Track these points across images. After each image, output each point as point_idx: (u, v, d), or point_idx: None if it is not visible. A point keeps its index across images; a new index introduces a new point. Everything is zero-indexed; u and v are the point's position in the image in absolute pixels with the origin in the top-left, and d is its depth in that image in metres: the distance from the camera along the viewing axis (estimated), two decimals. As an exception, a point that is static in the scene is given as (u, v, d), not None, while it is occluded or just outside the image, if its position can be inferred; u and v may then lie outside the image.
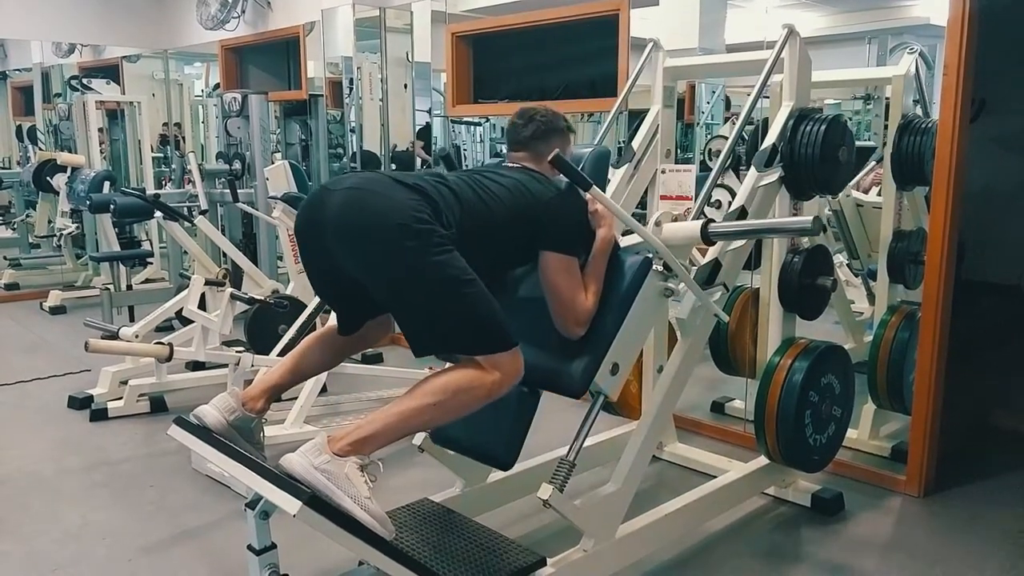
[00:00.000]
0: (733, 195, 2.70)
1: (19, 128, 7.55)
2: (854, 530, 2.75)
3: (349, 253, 1.86)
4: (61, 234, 6.31)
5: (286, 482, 1.72)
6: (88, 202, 5.55)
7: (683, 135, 4.48)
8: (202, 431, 1.97)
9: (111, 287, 5.46)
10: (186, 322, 4.02)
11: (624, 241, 2.39)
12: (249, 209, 5.15)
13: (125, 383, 3.92)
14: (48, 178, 6.26)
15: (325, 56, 5.62)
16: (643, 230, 2.12)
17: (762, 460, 2.79)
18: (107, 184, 5.88)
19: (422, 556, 2.04)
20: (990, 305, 3.62)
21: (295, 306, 4.01)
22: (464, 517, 2.31)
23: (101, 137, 6.86)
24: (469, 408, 1.87)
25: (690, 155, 4.56)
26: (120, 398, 3.87)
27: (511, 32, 4.65)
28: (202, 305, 4.02)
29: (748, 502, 2.86)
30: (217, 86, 6.73)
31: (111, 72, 7.34)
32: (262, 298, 3.94)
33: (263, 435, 2.08)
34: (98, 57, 7.43)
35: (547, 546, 2.24)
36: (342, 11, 5.30)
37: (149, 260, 6.61)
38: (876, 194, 3.76)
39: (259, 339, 4.06)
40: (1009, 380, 3.64)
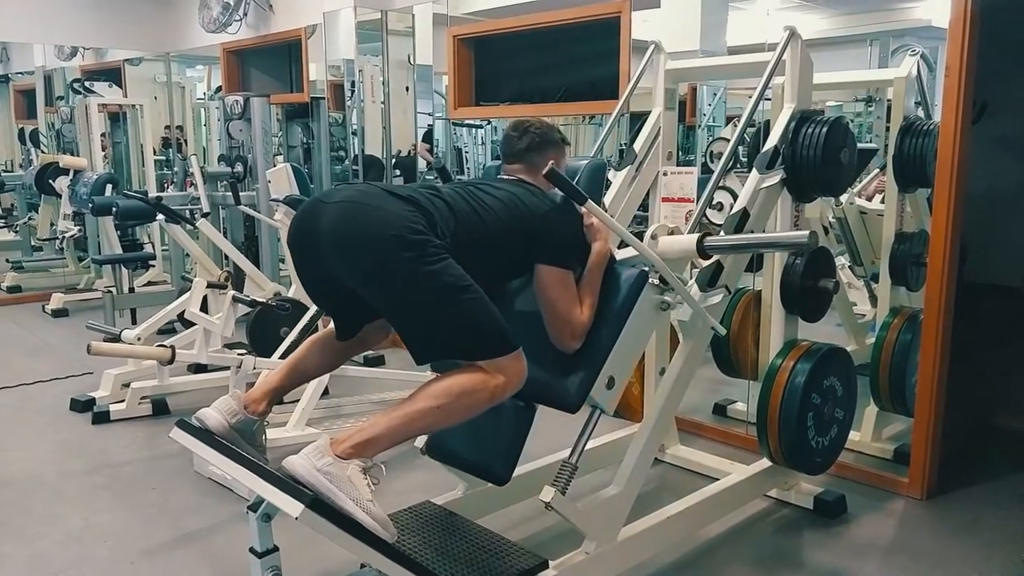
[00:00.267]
0: (735, 197, 2.70)
1: (21, 131, 7.58)
2: (856, 533, 2.75)
3: (345, 265, 1.86)
4: (63, 237, 6.30)
5: (288, 485, 1.72)
6: (90, 205, 5.57)
7: (685, 137, 4.47)
8: (204, 434, 1.97)
9: (113, 290, 5.46)
10: (188, 325, 4.02)
11: (620, 254, 2.38)
12: (251, 212, 5.15)
13: (127, 386, 3.93)
14: (50, 181, 6.26)
15: (327, 59, 5.63)
16: (639, 243, 2.11)
17: (764, 462, 2.78)
18: (109, 187, 5.88)
19: (424, 559, 2.04)
20: (992, 307, 3.61)
21: (297, 308, 4.01)
22: (466, 520, 2.31)
23: (103, 140, 6.90)
24: (472, 411, 1.86)
25: (692, 157, 4.56)
26: (122, 401, 3.87)
27: (513, 34, 4.65)
28: (204, 308, 4.01)
29: (750, 505, 2.85)
30: (219, 89, 6.74)
31: (113, 75, 7.36)
32: (264, 300, 3.93)
33: (265, 438, 2.08)
34: (100, 60, 7.45)
35: (549, 549, 2.25)
36: (344, 14, 5.30)
37: (151, 263, 6.61)
38: (880, 202, 3.75)
39: (261, 342, 4.06)
40: (1012, 382, 3.62)
